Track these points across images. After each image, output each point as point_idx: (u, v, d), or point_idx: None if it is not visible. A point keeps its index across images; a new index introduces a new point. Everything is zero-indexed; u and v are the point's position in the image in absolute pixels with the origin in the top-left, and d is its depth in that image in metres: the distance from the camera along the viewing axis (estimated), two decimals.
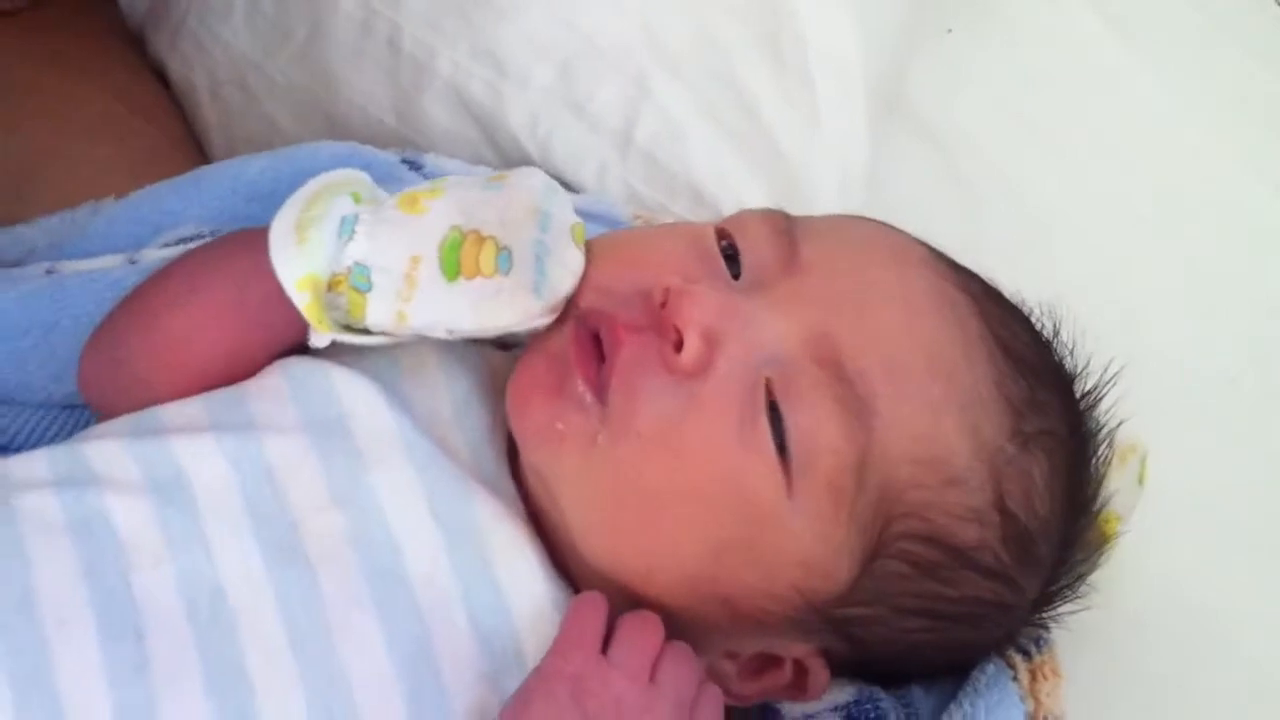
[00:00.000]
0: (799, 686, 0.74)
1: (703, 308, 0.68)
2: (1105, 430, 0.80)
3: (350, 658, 0.66)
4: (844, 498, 0.68)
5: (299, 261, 0.71)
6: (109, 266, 0.88)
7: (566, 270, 0.71)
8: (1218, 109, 1.14)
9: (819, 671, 0.74)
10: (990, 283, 0.77)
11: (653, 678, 0.67)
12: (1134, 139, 1.13)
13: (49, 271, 0.89)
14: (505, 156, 1.03)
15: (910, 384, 0.69)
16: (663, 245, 0.74)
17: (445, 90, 1.02)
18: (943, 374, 0.69)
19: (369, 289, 0.70)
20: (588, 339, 0.70)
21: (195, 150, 1.09)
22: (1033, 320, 0.78)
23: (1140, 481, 0.86)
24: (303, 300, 0.71)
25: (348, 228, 0.71)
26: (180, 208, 0.92)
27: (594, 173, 1.02)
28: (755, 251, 0.72)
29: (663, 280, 0.69)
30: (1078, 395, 0.78)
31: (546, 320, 0.71)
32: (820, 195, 1.01)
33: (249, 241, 0.74)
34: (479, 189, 0.74)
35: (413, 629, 0.68)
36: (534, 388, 0.70)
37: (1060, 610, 0.79)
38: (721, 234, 0.73)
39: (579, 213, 0.93)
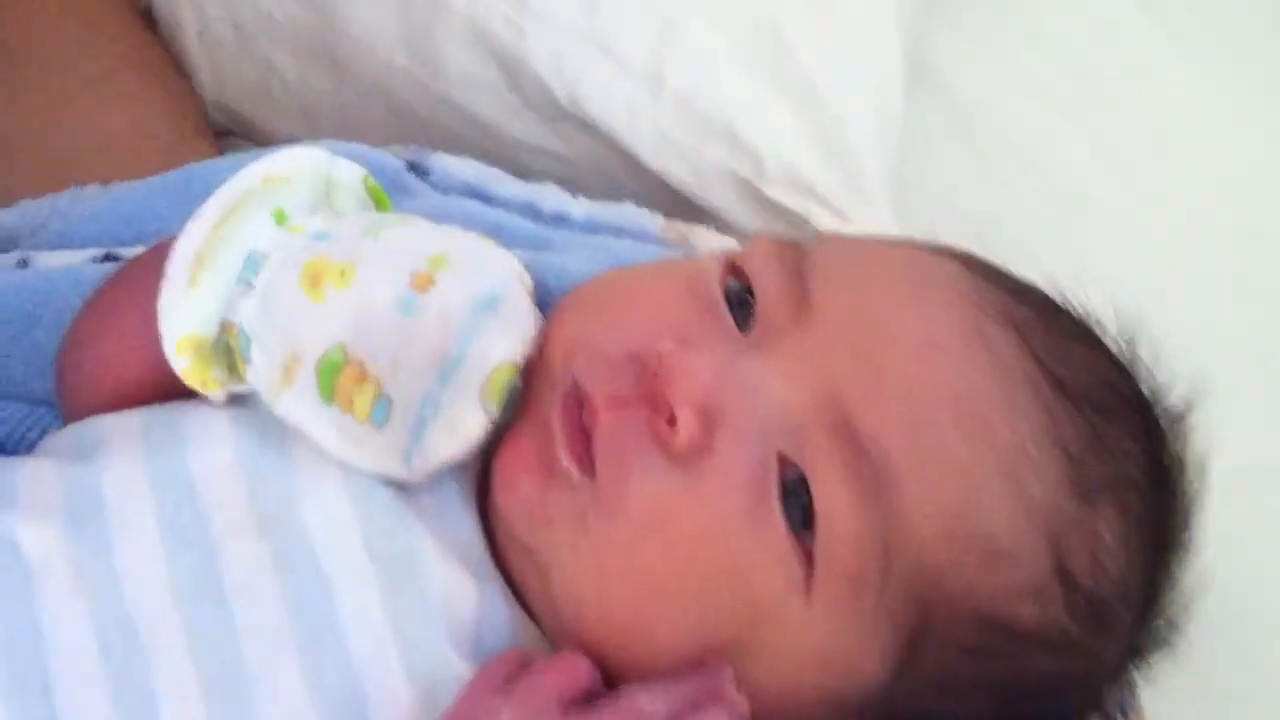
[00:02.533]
0: None
1: (697, 378, 0.60)
2: (1194, 453, 0.70)
3: (266, 709, 0.60)
4: (866, 589, 0.60)
5: (182, 316, 0.63)
6: (91, 257, 0.79)
7: (452, 437, 0.62)
8: (1244, 79, 1.13)
9: None
10: (1046, 296, 0.68)
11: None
12: (1153, 105, 1.11)
13: (22, 263, 0.80)
14: (529, 100, 0.96)
15: (935, 448, 0.60)
16: (660, 294, 0.66)
17: (462, 26, 0.94)
18: (975, 432, 0.61)
19: (249, 361, 0.63)
20: (576, 409, 0.63)
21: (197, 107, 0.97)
22: (1100, 336, 0.68)
23: None
24: (181, 365, 0.63)
25: (251, 269, 0.63)
26: (168, 209, 0.80)
27: (624, 116, 0.96)
28: (767, 295, 0.64)
29: (656, 343, 0.62)
30: (1157, 418, 0.68)
31: (417, 479, 0.64)
32: (860, 140, 0.98)
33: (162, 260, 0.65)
34: (391, 308, 0.63)
35: (340, 679, 0.60)
36: (522, 466, 0.63)
37: (1149, 660, 0.70)
38: (735, 271, 0.66)
39: (603, 226, 0.89)
